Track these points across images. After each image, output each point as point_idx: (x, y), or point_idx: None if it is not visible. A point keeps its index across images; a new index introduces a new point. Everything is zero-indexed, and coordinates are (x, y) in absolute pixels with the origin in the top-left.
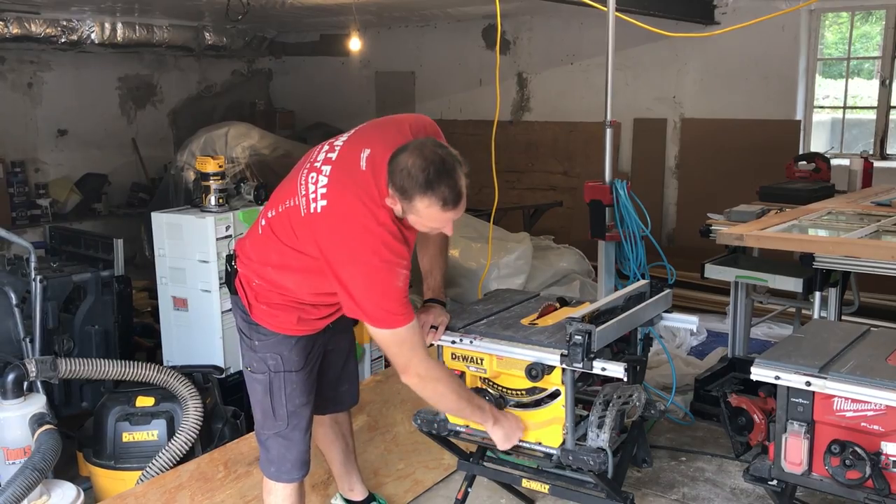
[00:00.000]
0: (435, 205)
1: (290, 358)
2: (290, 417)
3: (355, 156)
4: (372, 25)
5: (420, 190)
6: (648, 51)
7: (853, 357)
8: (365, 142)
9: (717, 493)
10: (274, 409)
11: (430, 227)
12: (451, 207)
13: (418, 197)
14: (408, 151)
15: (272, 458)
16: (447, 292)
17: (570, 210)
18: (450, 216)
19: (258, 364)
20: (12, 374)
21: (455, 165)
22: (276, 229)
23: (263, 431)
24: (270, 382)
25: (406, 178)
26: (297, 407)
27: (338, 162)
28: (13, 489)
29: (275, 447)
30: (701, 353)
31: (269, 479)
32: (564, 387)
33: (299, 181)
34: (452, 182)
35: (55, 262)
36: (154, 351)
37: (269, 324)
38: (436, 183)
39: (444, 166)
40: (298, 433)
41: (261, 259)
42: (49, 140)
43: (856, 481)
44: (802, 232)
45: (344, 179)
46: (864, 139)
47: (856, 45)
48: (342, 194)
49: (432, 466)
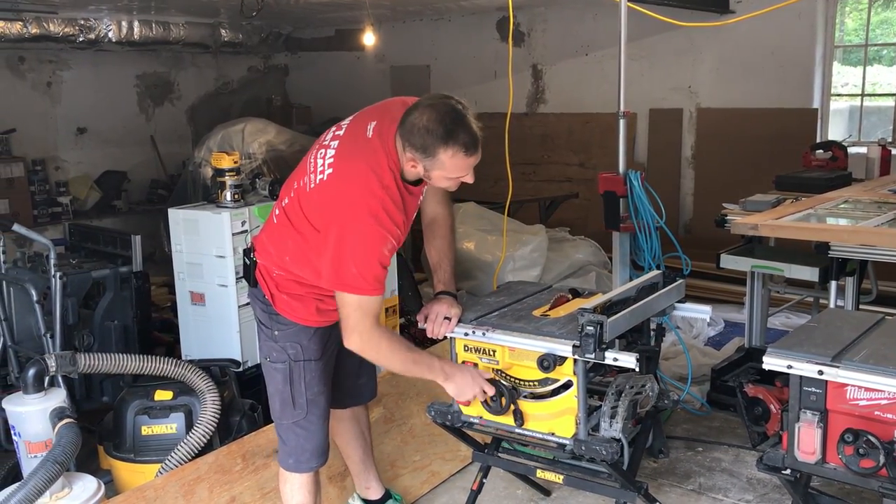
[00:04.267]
0: (459, 153)
1: (308, 347)
2: (308, 406)
3: (362, 128)
4: (386, 20)
5: (441, 142)
6: (664, 40)
7: (867, 346)
8: (371, 116)
9: (734, 483)
10: (293, 398)
11: (453, 179)
12: (474, 152)
13: (441, 149)
14: (419, 110)
15: (290, 450)
16: (462, 285)
17: (587, 202)
18: (472, 161)
19: (278, 353)
20: (33, 369)
21: (466, 111)
22: (290, 215)
23: (282, 422)
24: (290, 371)
25: (425, 135)
26: (316, 395)
27: (345, 136)
28: (35, 482)
29: (293, 438)
30: (718, 344)
31: (285, 470)
32: (577, 377)
33: (309, 161)
34: (468, 127)
35: (75, 258)
36: (173, 345)
37: (290, 314)
38: (455, 132)
39: (458, 114)
40: (316, 421)
41: (278, 249)
42: (69, 138)
43: (870, 470)
44: (819, 221)
45: (350, 148)
46: (883, 126)
47: (876, 32)
48: (348, 160)
49: (448, 458)
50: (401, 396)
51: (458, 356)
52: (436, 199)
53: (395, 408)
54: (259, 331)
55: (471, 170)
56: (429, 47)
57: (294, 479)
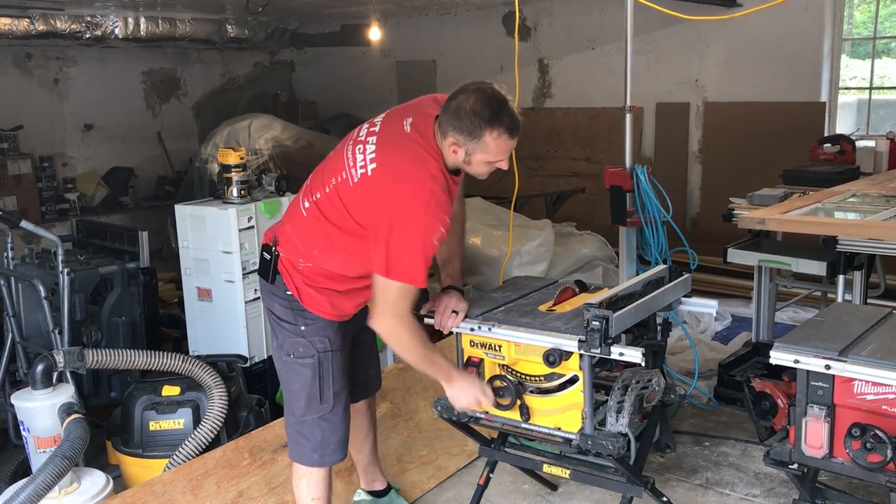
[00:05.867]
0: (504, 134)
1: (335, 339)
2: (335, 398)
3: (399, 124)
4: (392, 15)
5: (488, 124)
6: (670, 34)
7: (874, 340)
8: (405, 113)
9: (741, 478)
10: (322, 392)
11: (493, 163)
12: (516, 134)
13: (488, 131)
14: (464, 94)
15: (315, 445)
16: (468, 280)
17: (593, 196)
18: (512, 144)
19: (305, 348)
20: (41, 365)
21: (507, 96)
22: (324, 210)
23: (306, 418)
24: (320, 364)
25: (472, 118)
26: (340, 388)
27: (382, 132)
28: (44, 476)
29: (318, 433)
30: (725, 339)
31: (300, 465)
32: (583, 372)
33: (346, 156)
34: (511, 111)
35: (82, 255)
36: (180, 341)
37: (316, 308)
38: (500, 114)
39: (502, 98)
40: (341, 413)
41: (306, 242)
42: (76, 135)
43: (877, 464)
44: (826, 215)
45: (392, 142)
46: (892, 119)
47: (885, 25)
48: (392, 154)
49: (455, 453)
50: (407, 392)
51: (465, 351)
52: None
53: (401, 403)
54: (278, 327)
55: (508, 154)
56: (434, 42)
57: (312, 473)
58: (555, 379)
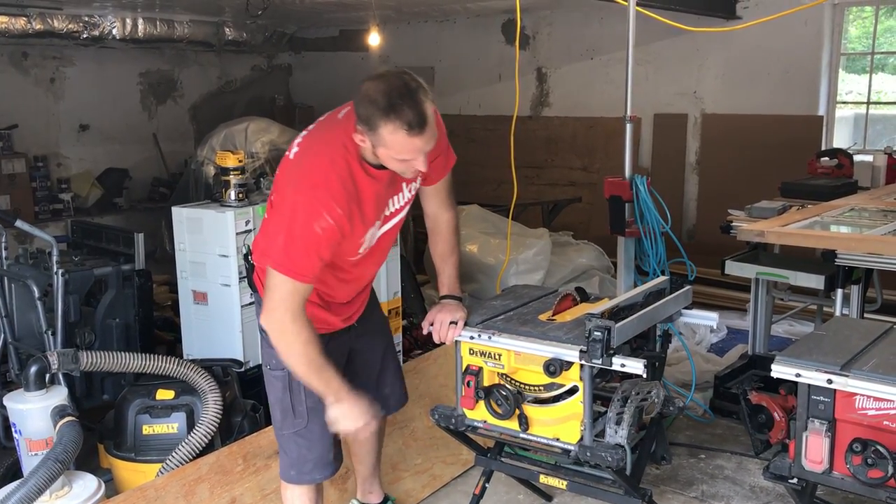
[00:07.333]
0: (400, 129)
1: None
2: (309, 414)
3: (336, 112)
4: (391, 20)
5: (383, 115)
6: (669, 45)
7: (875, 355)
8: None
9: (737, 491)
10: (293, 406)
11: (402, 162)
12: (418, 132)
13: (382, 123)
14: (371, 79)
15: (292, 461)
16: (465, 288)
17: (590, 206)
18: (418, 144)
19: (277, 360)
20: (35, 367)
21: (418, 89)
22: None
23: (283, 432)
24: (289, 378)
25: (368, 106)
26: (316, 403)
27: (324, 118)
28: (35, 480)
29: (294, 448)
30: (721, 350)
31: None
32: (583, 383)
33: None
34: (415, 104)
35: (77, 256)
36: (174, 344)
37: None
38: (398, 106)
39: (407, 89)
40: (318, 430)
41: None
42: (71, 135)
43: (878, 480)
44: (824, 228)
45: (319, 126)
46: (889, 135)
47: (880, 40)
48: (311, 139)
49: (450, 461)
50: None
51: (464, 359)
52: (436, 200)
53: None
54: (261, 337)
55: (420, 154)
56: (433, 49)
57: (294, 488)
58: (554, 389)
